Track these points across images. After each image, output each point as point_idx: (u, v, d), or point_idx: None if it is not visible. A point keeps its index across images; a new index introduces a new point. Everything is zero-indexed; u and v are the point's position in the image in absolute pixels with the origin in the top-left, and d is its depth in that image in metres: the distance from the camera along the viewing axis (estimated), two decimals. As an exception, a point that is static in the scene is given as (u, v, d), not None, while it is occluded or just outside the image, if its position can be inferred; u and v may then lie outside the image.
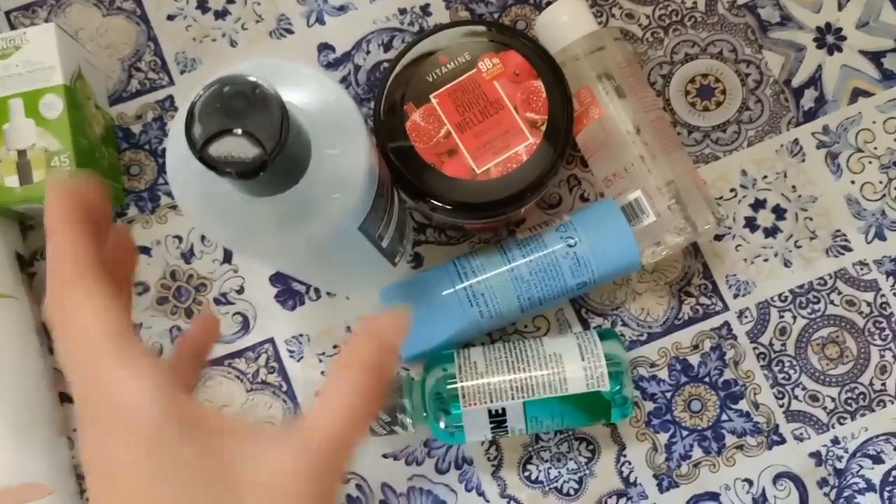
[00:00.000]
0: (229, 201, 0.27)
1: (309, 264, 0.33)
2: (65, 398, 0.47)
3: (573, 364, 0.42)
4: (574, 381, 0.42)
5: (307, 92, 0.28)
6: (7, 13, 0.50)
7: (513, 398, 0.42)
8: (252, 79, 0.23)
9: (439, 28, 0.41)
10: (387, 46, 0.49)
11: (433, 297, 0.43)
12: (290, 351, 0.48)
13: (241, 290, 0.48)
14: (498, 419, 0.42)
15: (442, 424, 0.42)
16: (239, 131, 0.23)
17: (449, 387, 0.42)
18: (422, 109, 0.39)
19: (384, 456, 0.47)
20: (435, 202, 0.39)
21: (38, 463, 0.43)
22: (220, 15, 0.50)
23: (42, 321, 0.48)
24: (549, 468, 0.46)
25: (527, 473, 0.46)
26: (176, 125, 0.28)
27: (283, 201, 0.27)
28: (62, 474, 0.45)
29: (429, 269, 0.45)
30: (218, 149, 0.23)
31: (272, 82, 0.24)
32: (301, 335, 0.48)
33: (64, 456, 0.46)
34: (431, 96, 0.39)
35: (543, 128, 0.39)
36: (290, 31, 0.50)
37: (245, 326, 0.48)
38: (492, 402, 0.42)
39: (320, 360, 0.47)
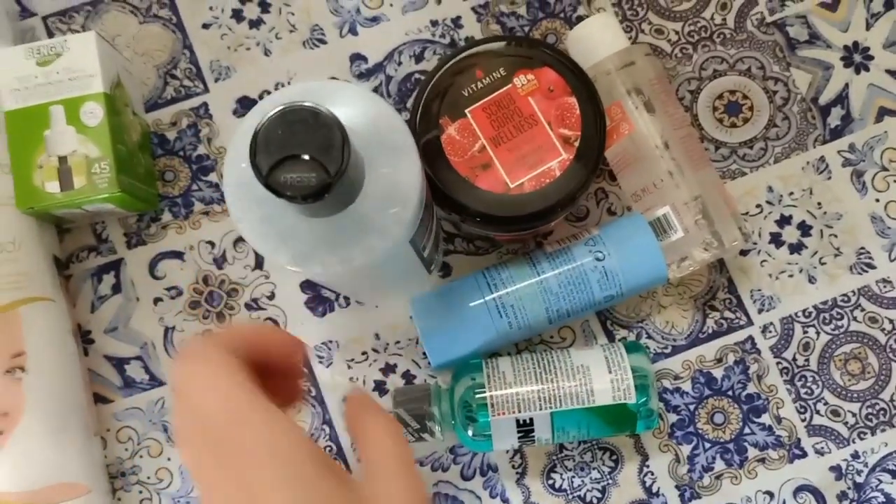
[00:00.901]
0: (289, 223, 0.28)
1: (359, 278, 0.33)
2: (98, 399, 0.48)
3: (600, 376, 0.43)
4: (601, 392, 0.42)
5: (357, 111, 0.28)
6: (44, 18, 0.51)
7: (540, 409, 0.42)
8: (311, 105, 0.24)
9: (475, 43, 0.41)
10: (418, 58, 0.50)
11: (463, 307, 0.44)
12: (319, 356, 0.48)
13: (272, 297, 0.49)
14: (525, 429, 0.43)
15: (470, 432, 0.43)
16: (305, 157, 0.24)
17: (477, 396, 0.43)
18: (457, 123, 0.40)
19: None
20: (469, 215, 0.40)
21: (74, 462, 0.44)
22: (255, 24, 0.51)
23: (78, 323, 0.49)
24: (573, 477, 0.47)
25: (551, 482, 0.47)
26: (233, 152, 0.29)
27: (341, 220, 0.28)
28: (96, 473, 0.46)
29: (458, 280, 0.46)
30: (283, 175, 0.24)
31: (326, 105, 0.25)
32: (330, 341, 0.48)
33: (97, 455, 0.46)
34: (467, 111, 0.40)
35: (577, 144, 0.40)
36: (322, 42, 0.51)
37: (276, 332, 0.49)
38: (520, 412, 0.42)
39: (349, 367, 0.48)
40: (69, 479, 0.43)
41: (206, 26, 0.51)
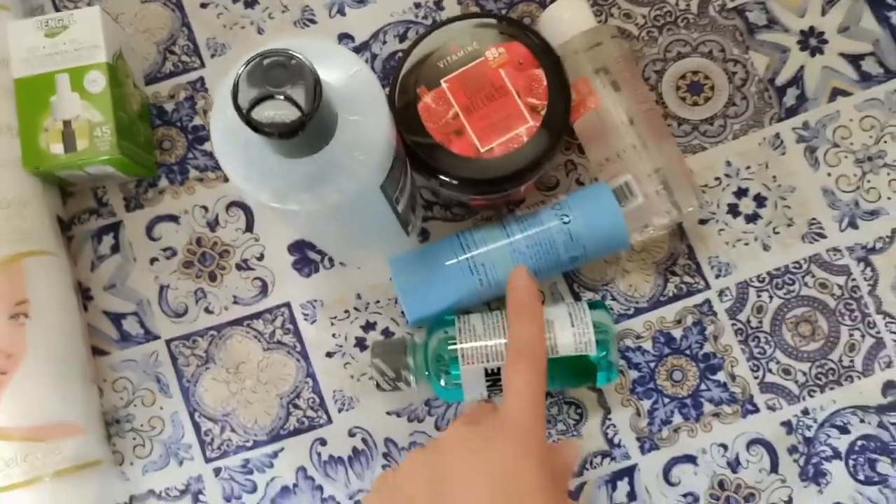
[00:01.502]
0: (269, 164, 0.31)
1: (338, 224, 0.37)
2: (96, 351, 0.52)
3: (564, 330, 0.46)
4: (564, 346, 0.46)
5: (333, 66, 0.32)
6: (53, -3, 0.54)
7: (506, 355, 0.46)
8: (286, 51, 0.28)
9: (451, 20, 0.45)
10: (402, 37, 0.54)
11: (438, 266, 0.47)
12: (304, 314, 0.52)
13: (261, 258, 0.52)
14: (493, 377, 0.46)
15: (442, 382, 0.46)
16: (280, 96, 0.27)
17: (450, 348, 0.46)
18: (433, 93, 0.44)
19: (388, 413, 0.51)
20: (443, 178, 0.43)
21: (73, 405, 0.47)
22: (250, 4, 0.54)
23: (78, 280, 0.52)
24: (540, 429, 0.50)
25: (519, 433, 0.50)
26: (219, 100, 0.32)
27: (315, 162, 0.31)
28: (93, 417, 0.49)
29: (435, 242, 0.49)
30: (261, 113, 0.28)
31: (304, 56, 0.28)
32: (315, 300, 0.52)
33: (95, 401, 0.50)
34: (442, 81, 0.44)
35: (543, 112, 0.43)
36: (313, 21, 0.54)
37: (264, 290, 0.52)
38: (488, 361, 0.46)
39: (332, 324, 0.52)
40: (68, 420, 0.47)
41: (203, 6, 0.54)
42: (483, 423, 0.37)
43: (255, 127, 0.28)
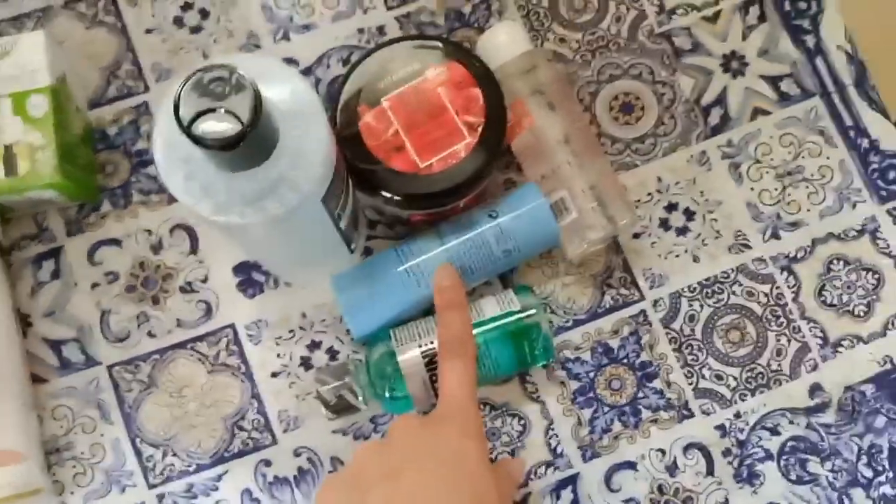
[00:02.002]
0: (210, 178, 0.32)
1: (277, 239, 0.37)
2: (35, 378, 0.51)
3: (489, 303, 0.48)
4: (488, 308, 0.48)
5: (274, 82, 0.33)
6: (-6, 23, 0.54)
7: None
8: (227, 65, 0.29)
9: (393, 41, 0.47)
10: (346, 61, 0.55)
11: (379, 279, 0.48)
12: (249, 335, 0.52)
13: (205, 280, 0.53)
14: (433, 367, 0.46)
15: (388, 395, 0.47)
16: (221, 109, 0.28)
17: (390, 360, 0.47)
18: (374, 111, 0.45)
19: (334, 432, 0.51)
20: (384, 193, 0.45)
21: (12, 432, 0.46)
22: (195, 30, 0.55)
23: (17, 307, 0.51)
24: (486, 441, 0.51)
25: (465, 446, 0.51)
26: (161, 114, 0.33)
27: (256, 175, 0.32)
28: (32, 445, 0.48)
29: (373, 256, 0.50)
30: (202, 126, 0.29)
31: (246, 73, 0.29)
32: (260, 321, 0.52)
33: (34, 429, 0.49)
34: (383, 99, 0.45)
35: (480, 129, 0.45)
36: (258, 46, 0.55)
37: (208, 312, 0.52)
38: (429, 367, 0.46)
39: (277, 344, 0.52)
40: (7, 448, 0.46)
41: (149, 31, 0.55)
42: (424, 416, 0.39)
43: (196, 139, 0.28)
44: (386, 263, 0.49)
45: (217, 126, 0.29)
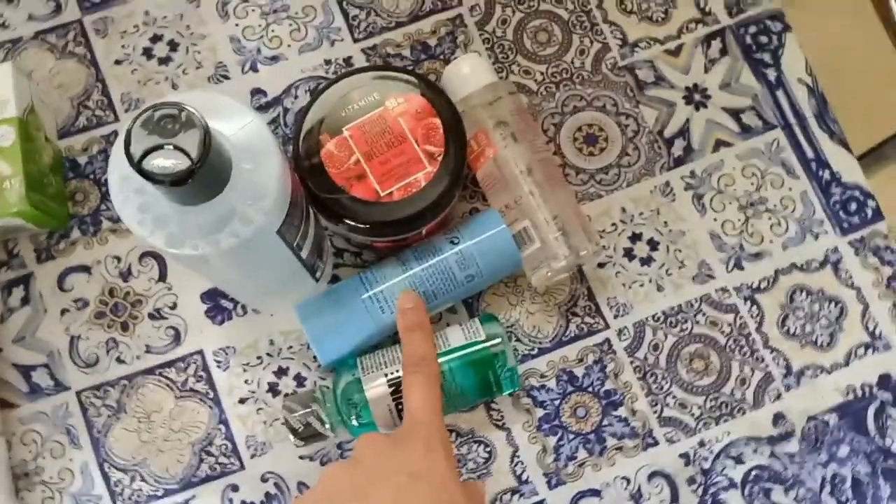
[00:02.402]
0: (163, 211, 0.33)
1: (237, 270, 0.38)
2: (3, 404, 0.51)
3: (454, 332, 0.49)
4: (454, 338, 0.49)
5: (227, 118, 0.34)
6: (-34, 54, 0.55)
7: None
8: (177, 103, 0.29)
9: (354, 71, 0.48)
10: (313, 92, 0.56)
11: (344, 307, 0.49)
12: (217, 361, 0.52)
13: (174, 307, 0.53)
14: (397, 395, 0.47)
15: (355, 422, 0.48)
16: (170, 146, 0.29)
17: (356, 387, 0.47)
18: (335, 140, 0.46)
19: (301, 457, 0.51)
20: (346, 221, 0.45)
21: (-23, 460, 0.47)
22: (164, 61, 0.56)
23: (-15, 333, 0.52)
24: (451, 468, 0.52)
25: (430, 473, 0.51)
26: (116, 148, 0.34)
27: (208, 209, 0.32)
28: (1, 472, 0.48)
29: (338, 284, 0.50)
30: (152, 162, 0.29)
31: (200, 110, 0.30)
32: (228, 347, 0.53)
33: (3, 456, 0.49)
34: (344, 129, 0.46)
35: (440, 158, 0.46)
36: (226, 77, 0.56)
37: (177, 339, 0.53)
38: (387, 376, 0.47)
39: (244, 370, 0.52)
40: (-29, 475, 0.46)
41: (118, 62, 0.56)
42: (390, 434, 0.40)
43: (147, 175, 0.29)
44: (350, 291, 0.49)
45: (167, 162, 0.29)
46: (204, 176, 0.30)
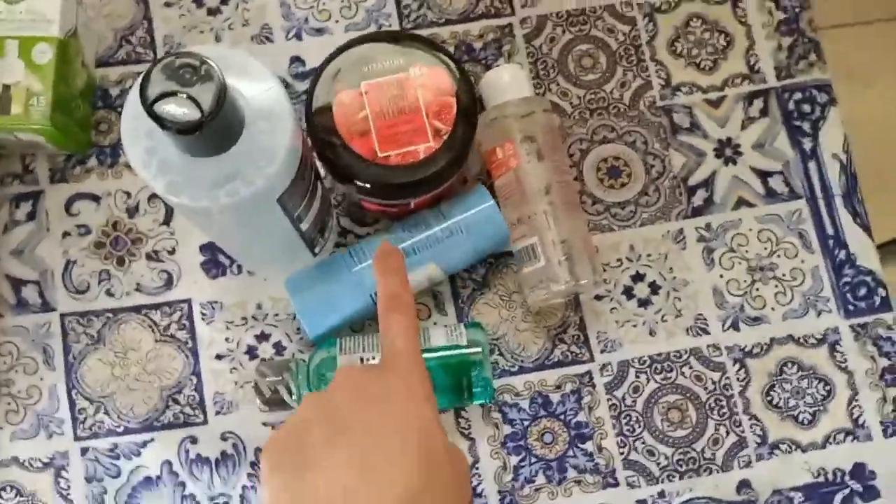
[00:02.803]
0: (170, 157, 0.33)
1: (233, 230, 0.38)
2: (-11, 313, 0.52)
3: (437, 333, 0.49)
4: (436, 337, 0.49)
5: (251, 79, 0.34)
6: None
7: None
8: (202, 55, 0.30)
9: (387, 34, 0.48)
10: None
11: (333, 281, 0.49)
12: (202, 314, 0.53)
13: (172, 252, 0.53)
14: None
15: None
16: (183, 95, 0.29)
17: (329, 364, 0.48)
18: (351, 91, 0.46)
19: (264, 424, 0.52)
20: (336, 170, 0.46)
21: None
22: (213, 12, 0.56)
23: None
24: (408, 466, 0.52)
25: (387, 467, 0.51)
26: (135, 87, 0.34)
27: (215, 163, 0.33)
28: (-30, 377, 0.49)
29: (326, 258, 0.51)
30: (164, 107, 0.29)
31: (223, 66, 0.30)
32: (216, 302, 0.53)
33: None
34: (362, 83, 0.46)
35: (445, 137, 0.46)
36: (269, 39, 0.56)
37: (168, 283, 0.53)
38: (363, 360, 0.47)
39: (227, 328, 0.53)
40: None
41: (168, 4, 0.56)
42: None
43: (156, 118, 0.29)
44: (339, 265, 0.50)
45: (179, 110, 0.29)
46: (213, 130, 0.30)
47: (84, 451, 0.51)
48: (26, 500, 0.50)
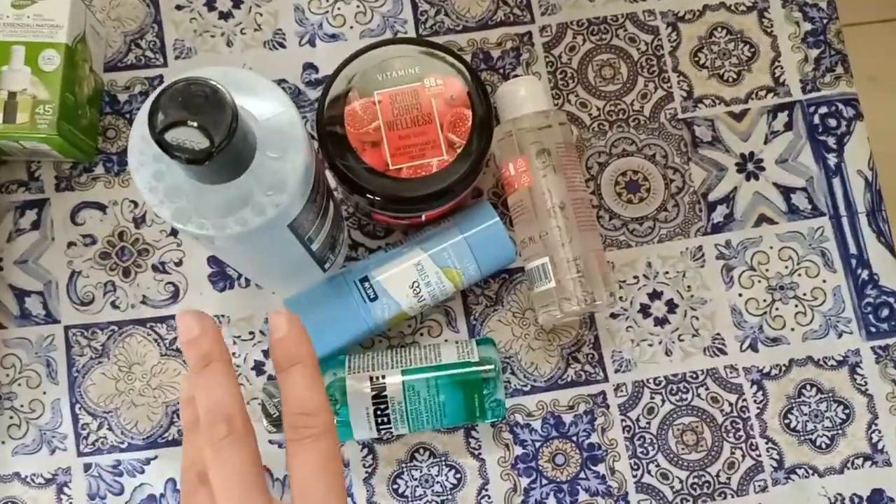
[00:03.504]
0: (178, 182, 0.32)
1: (242, 253, 0.37)
2: (-7, 323, 0.51)
3: (448, 350, 0.48)
4: (447, 355, 0.48)
5: (262, 101, 0.32)
6: (32, -33, 0.55)
7: (392, 366, 0.47)
8: (213, 82, 0.28)
9: (403, 40, 0.46)
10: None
11: (335, 301, 0.48)
12: (210, 328, 0.52)
13: (179, 263, 0.52)
14: (381, 417, 0.46)
15: (328, 421, 0.47)
16: (194, 124, 0.28)
17: (339, 385, 0.47)
18: (364, 100, 0.45)
19: (270, 442, 0.51)
20: (346, 181, 0.44)
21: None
22: (225, 16, 0.55)
23: (-10, 248, 0.51)
24: (417, 486, 0.51)
25: (395, 486, 0.51)
26: (143, 109, 0.33)
27: (224, 190, 0.31)
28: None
29: (328, 277, 0.49)
30: (173, 136, 0.28)
31: (233, 88, 0.29)
32: (223, 316, 0.52)
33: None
34: (376, 92, 0.45)
35: (460, 150, 0.45)
36: (282, 45, 0.55)
37: (175, 296, 0.52)
38: (373, 370, 0.46)
39: (234, 342, 0.52)
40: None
41: (179, 7, 0.55)
42: None
43: (165, 148, 0.28)
44: (341, 284, 0.48)
45: (189, 138, 0.28)
46: (223, 160, 0.29)
47: (87, 467, 0.50)
48: (29, 516, 0.49)
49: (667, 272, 0.54)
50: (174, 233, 0.53)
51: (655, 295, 0.54)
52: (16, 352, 0.51)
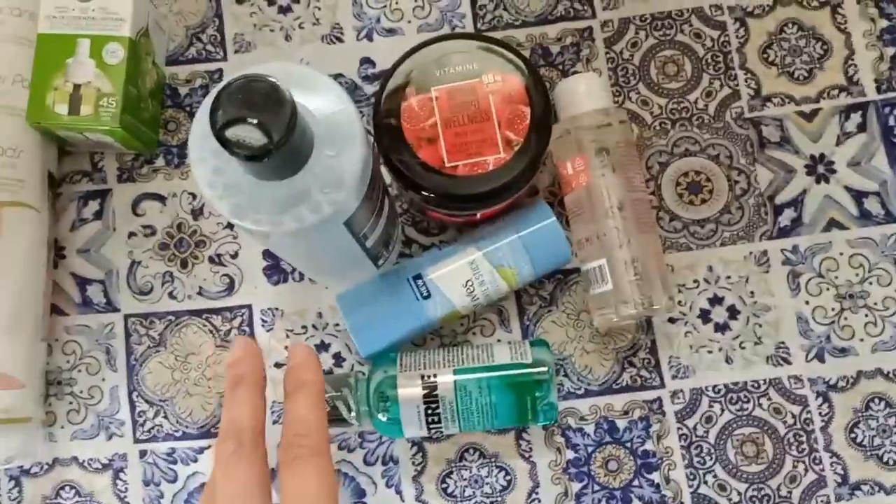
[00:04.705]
0: (236, 178, 0.32)
1: (296, 249, 0.37)
2: (54, 309, 0.52)
3: (502, 350, 0.47)
4: (500, 355, 0.47)
5: (320, 98, 0.32)
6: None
7: (444, 365, 0.46)
8: (273, 80, 0.28)
9: (463, 35, 0.46)
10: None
11: (387, 299, 0.48)
12: (263, 320, 0.52)
13: (235, 255, 0.53)
14: (433, 416, 0.46)
15: (382, 418, 0.47)
16: (253, 121, 0.28)
17: (390, 383, 0.46)
18: (421, 96, 0.44)
19: (322, 436, 0.51)
20: (401, 177, 0.44)
21: (17, 359, 0.48)
22: (284, 10, 0.55)
23: (55, 237, 0.53)
24: (466, 486, 0.50)
25: (444, 486, 0.50)
26: (204, 105, 0.33)
27: (281, 187, 0.31)
28: (34, 375, 0.49)
29: (381, 273, 0.49)
30: (233, 132, 0.28)
31: (292, 85, 0.29)
32: (277, 309, 0.52)
33: (41, 359, 0.50)
34: (433, 88, 0.44)
35: (517, 148, 0.44)
36: (340, 40, 0.55)
37: (230, 288, 0.52)
38: (424, 368, 0.46)
39: (287, 336, 0.52)
40: (8, 372, 0.47)
41: (239, 2, 0.55)
42: None
43: (224, 143, 0.28)
44: (394, 282, 0.48)
45: (249, 135, 0.28)
46: (280, 158, 0.29)
47: (143, 453, 0.51)
48: (84, 500, 0.50)
49: (729, 277, 0.52)
50: (230, 226, 0.53)
51: (716, 300, 0.52)
52: (77, 339, 0.52)
